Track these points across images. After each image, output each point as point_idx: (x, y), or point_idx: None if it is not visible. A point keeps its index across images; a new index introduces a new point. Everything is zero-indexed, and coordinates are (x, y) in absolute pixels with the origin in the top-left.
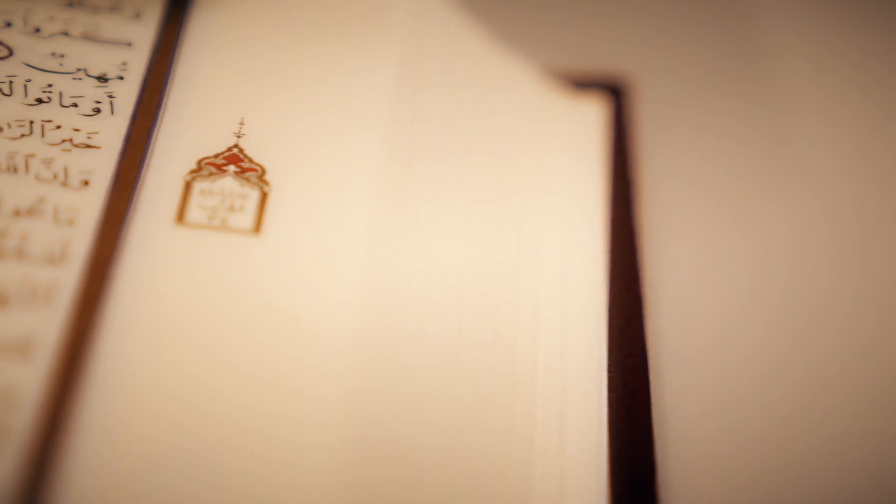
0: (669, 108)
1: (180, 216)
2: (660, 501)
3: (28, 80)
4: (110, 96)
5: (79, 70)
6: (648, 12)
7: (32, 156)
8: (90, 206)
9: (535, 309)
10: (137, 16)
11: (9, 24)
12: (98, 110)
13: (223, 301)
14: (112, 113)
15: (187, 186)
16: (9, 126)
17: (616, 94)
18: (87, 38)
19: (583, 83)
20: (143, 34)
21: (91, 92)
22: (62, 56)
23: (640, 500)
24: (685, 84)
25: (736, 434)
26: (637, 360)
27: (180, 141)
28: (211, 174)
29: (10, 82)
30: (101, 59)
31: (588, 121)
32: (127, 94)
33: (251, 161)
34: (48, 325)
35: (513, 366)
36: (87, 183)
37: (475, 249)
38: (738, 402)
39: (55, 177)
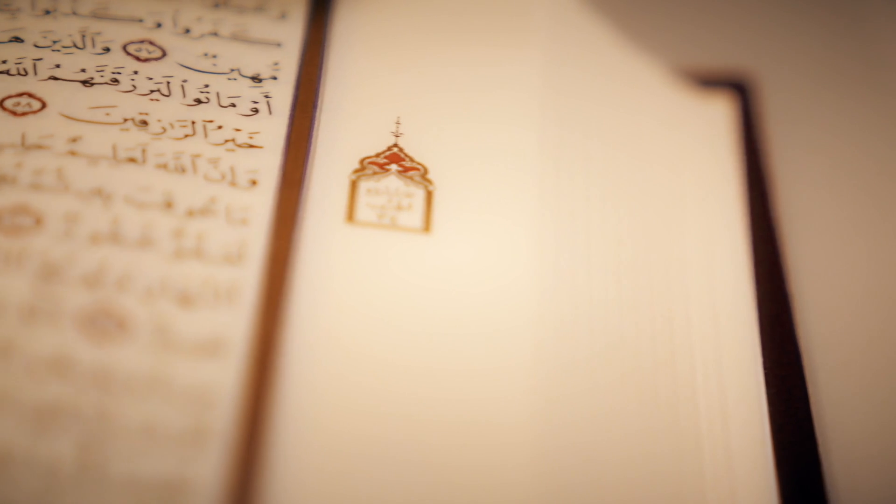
0: (795, 106)
1: (350, 215)
2: (828, 496)
3: (185, 81)
4: (266, 96)
5: (232, 70)
6: (770, 10)
7: (199, 156)
8: (261, 205)
9: (686, 307)
10: (283, 16)
11: (159, 26)
12: (256, 110)
13: (399, 298)
14: (270, 113)
15: (353, 185)
16: (171, 126)
17: (742, 92)
18: (237, 38)
19: (709, 81)
20: (291, 34)
21: (247, 92)
22: (215, 56)
23: (808, 495)
24: (809, 82)
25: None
26: (791, 356)
27: (340, 140)
28: (375, 173)
29: (168, 83)
30: (253, 60)
31: (717, 119)
32: (282, 94)
33: (412, 160)
34: (235, 324)
35: (672, 364)
36: (254, 182)
37: (625, 248)
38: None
39: (223, 177)
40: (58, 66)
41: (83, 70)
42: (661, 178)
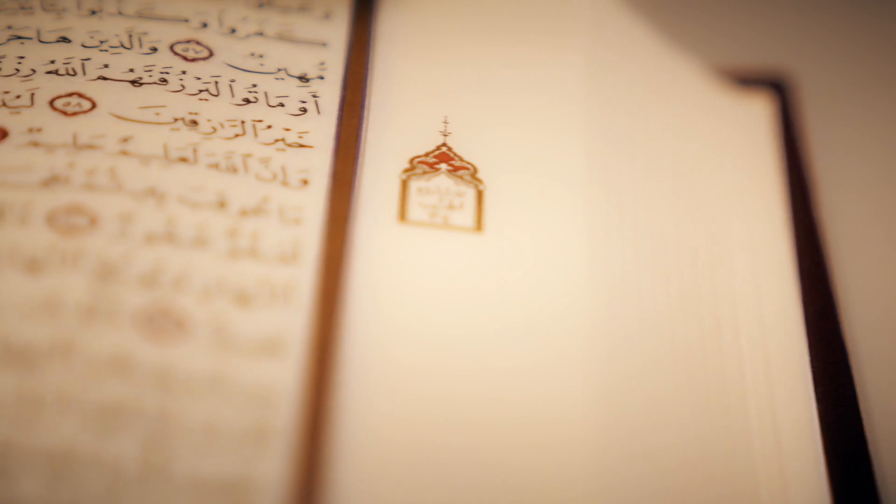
0: (833, 105)
1: (402, 214)
2: (879, 494)
3: (233, 81)
4: (314, 96)
5: (279, 70)
6: (808, 8)
7: (249, 155)
8: (313, 205)
9: (732, 307)
10: (327, 16)
11: (205, 25)
12: (304, 110)
13: (454, 297)
14: (318, 112)
15: (404, 185)
16: (221, 126)
17: (780, 91)
18: (282, 38)
19: (747, 80)
20: (335, 34)
21: (295, 92)
22: (261, 56)
23: (859, 493)
24: (847, 81)
25: None
26: (838, 354)
27: (389, 140)
28: (425, 172)
29: (216, 83)
30: (299, 59)
31: (756, 118)
32: (329, 94)
33: (461, 159)
34: (292, 324)
35: (721, 363)
36: (306, 182)
37: (671, 248)
38: None
39: (274, 176)
40: (106, 65)
41: (131, 70)
42: (702, 178)
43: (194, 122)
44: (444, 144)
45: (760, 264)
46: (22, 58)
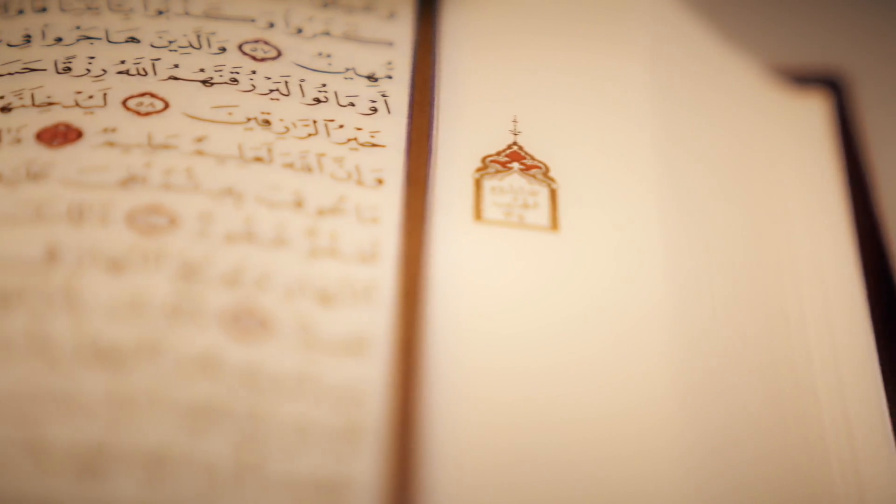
0: (889, 103)
1: (478, 214)
2: None
3: (302, 81)
4: (383, 95)
5: (348, 70)
6: (863, 6)
7: (323, 155)
8: (389, 204)
9: (799, 304)
10: (391, 15)
11: (271, 25)
12: (375, 109)
13: (531, 296)
14: (389, 112)
15: (477, 184)
16: (294, 126)
17: (836, 89)
18: (348, 37)
19: (803, 78)
20: (400, 33)
21: (364, 91)
22: (329, 56)
23: None
24: None
25: None
26: None
27: (459, 139)
28: (497, 171)
29: (286, 82)
30: (366, 59)
31: (813, 116)
32: (398, 93)
33: (533, 158)
34: (375, 323)
35: (790, 358)
36: (380, 181)
37: (739, 246)
38: None
39: (349, 176)
40: (176, 65)
41: (201, 70)
42: (763, 176)
43: (267, 122)
44: (514, 143)
45: (825, 262)
46: (92, 58)
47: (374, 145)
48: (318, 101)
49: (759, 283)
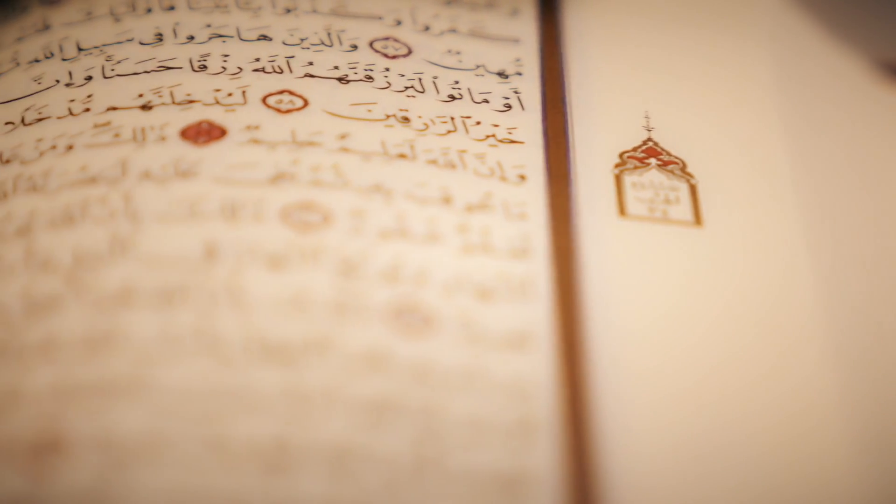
0: None
1: (622, 209)
2: None
3: (435, 78)
4: (515, 92)
5: (478, 67)
6: None
7: (464, 151)
8: (534, 200)
9: None
10: (514, 12)
11: (399, 23)
12: (509, 106)
13: (679, 292)
14: (522, 108)
15: (618, 180)
16: (433, 123)
17: None
18: (475, 34)
19: None
20: (525, 30)
21: (496, 88)
22: (458, 53)
23: None
24: None
25: None
26: None
27: (594, 135)
28: (636, 167)
29: (420, 79)
30: (494, 56)
31: None
32: (529, 90)
33: (669, 154)
34: (535, 318)
35: None
36: (523, 177)
37: (867, 241)
38: None
39: (492, 172)
40: (310, 63)
41: (336, 67)
42: (882, 172)
43: (406, 119)
44: (649, 139)
45: None
46: (227, 56)
47: (512, 142)
48: (452, 97)
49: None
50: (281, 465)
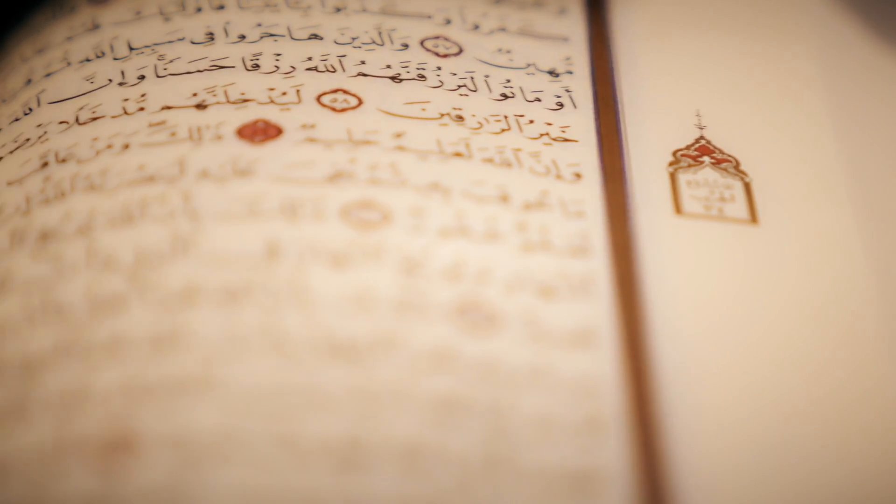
0: None
1: (678, 207)
2: None
3: (487, 76)
4: (567, 90)
5: (529, 65)
6: None
7: (519, 150)
8: (590, 198)
9: None
10: (562, 11)
11: (448, 22)
12: (561, 104)
13: (738, 289)
14: (574, 107)
15: (672, 178)
16: (487, 121)
17: None
18: (524, 33)
19: None
20: (573, 28)
21: (547, 87)
22: (509, 52)
23: None
24: None
25: None
26: None
27: (646, 133)
28: (690, 166)
29: (472, 78)
30: (544, 55)
31: None
32: (581, 88)
33: (722, 152)
34: (597, 316)
35: None
36: (578, 176)
37: None
38: None
39: (548, 170)
40: (363, 62)
41: (388, 66)
42: None
43: (460, 118)
44: (701, 137)
45: None
46: (279, 55)
47: (566, 140)
48: (504, 96)
49: None
50: (353, 463)
